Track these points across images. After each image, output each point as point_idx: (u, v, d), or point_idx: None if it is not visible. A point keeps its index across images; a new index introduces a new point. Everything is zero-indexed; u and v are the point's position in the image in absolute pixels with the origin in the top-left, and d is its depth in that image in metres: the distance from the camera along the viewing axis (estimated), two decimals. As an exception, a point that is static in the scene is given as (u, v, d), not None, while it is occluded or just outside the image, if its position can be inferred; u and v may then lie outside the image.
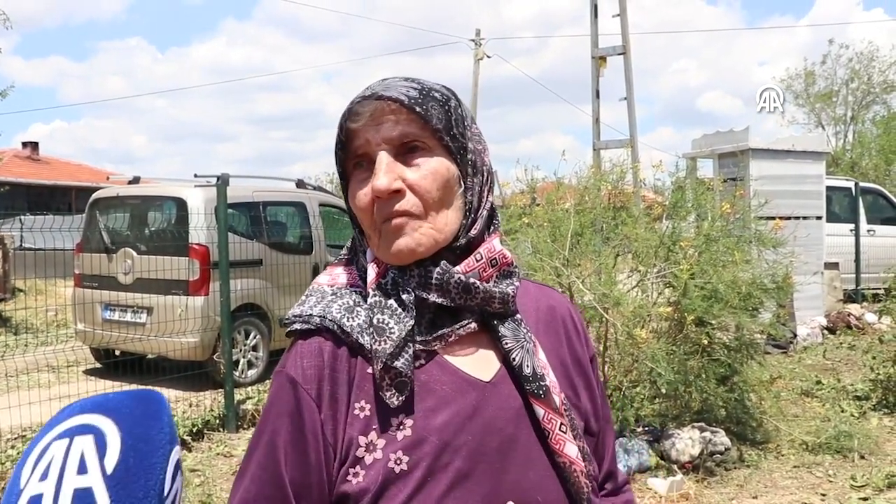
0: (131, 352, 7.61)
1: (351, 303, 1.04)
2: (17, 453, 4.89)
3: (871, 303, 11.34)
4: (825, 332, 9.70)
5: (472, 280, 1.02)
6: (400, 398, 0.99)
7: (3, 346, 7.21)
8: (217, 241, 6.36)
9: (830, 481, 4.77)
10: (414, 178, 1.00)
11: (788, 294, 6.23)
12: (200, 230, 7.18)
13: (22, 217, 15.00)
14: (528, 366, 1.04)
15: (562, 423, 1.04)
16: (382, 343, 0.98)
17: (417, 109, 0.99)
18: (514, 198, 6.39)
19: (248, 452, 1.04)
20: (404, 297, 1.01)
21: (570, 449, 1.04)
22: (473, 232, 1.05)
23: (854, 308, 10.73)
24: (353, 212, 1.06)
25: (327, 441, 1.00)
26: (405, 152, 1.01)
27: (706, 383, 4.99)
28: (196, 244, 7.24)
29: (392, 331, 0.98)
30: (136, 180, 8.66)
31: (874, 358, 6.72)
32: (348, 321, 1.02)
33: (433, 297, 1.01)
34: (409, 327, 0.99)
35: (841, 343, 9.24)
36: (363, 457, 0.98)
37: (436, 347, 1.03)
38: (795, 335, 8.92)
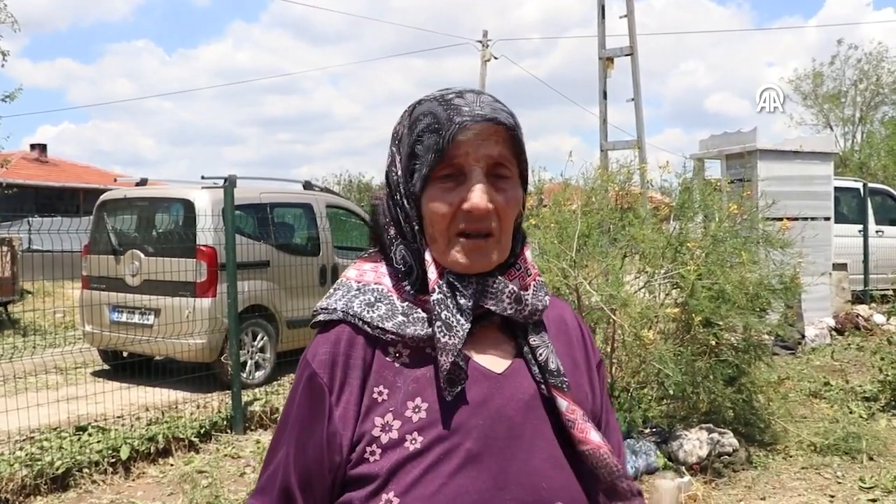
0: (139, 353, 7.62)
1: (372, 299, 1.12)
2: (26, 455, 4.90)
3: (880, 304, 11.30)
4: (833, 333, 9.66)
5: (521, 292, 1.11)
6: (452, 392, 1.05)
7: (11, 347, 7.23)
8: (224, 242, 6.38)
9: (839, 483, 4.75)
10: (501, 203, 1.08)
11: (796, 295, 6.21)
12: (208, 232, 7.20)
13: (30, 219, 15.06)
14: (552, 362, 1.12)
15: (584, 413, 1.11)
16: (451, 338, 1.05)
17: (517, 134, 1.09)
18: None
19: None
20: (461, 301, 1.08)
21: (594, 435, 1.10)
22: (519, 248, 1.15)
23: (862, 309, 10.70)
24: (407, 210, 1.12)
25: (334, 422, 1.07)
26: (494, 175, 1.08)
27: (714, 384, 4.98)
28: (203, 246, 7.25)
29: (461, 327, 1.05)
30: (143, 182, 8.69)
31: (883, 359, 6.70)
32: (369, 313, 1.10)
33: (489, 305, 1.10)
34: (468, 328, 1.07)
35: (849, 344, 9.21)
36: (379, 436, 1.06)
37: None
38: (803, 336, 8.89)
